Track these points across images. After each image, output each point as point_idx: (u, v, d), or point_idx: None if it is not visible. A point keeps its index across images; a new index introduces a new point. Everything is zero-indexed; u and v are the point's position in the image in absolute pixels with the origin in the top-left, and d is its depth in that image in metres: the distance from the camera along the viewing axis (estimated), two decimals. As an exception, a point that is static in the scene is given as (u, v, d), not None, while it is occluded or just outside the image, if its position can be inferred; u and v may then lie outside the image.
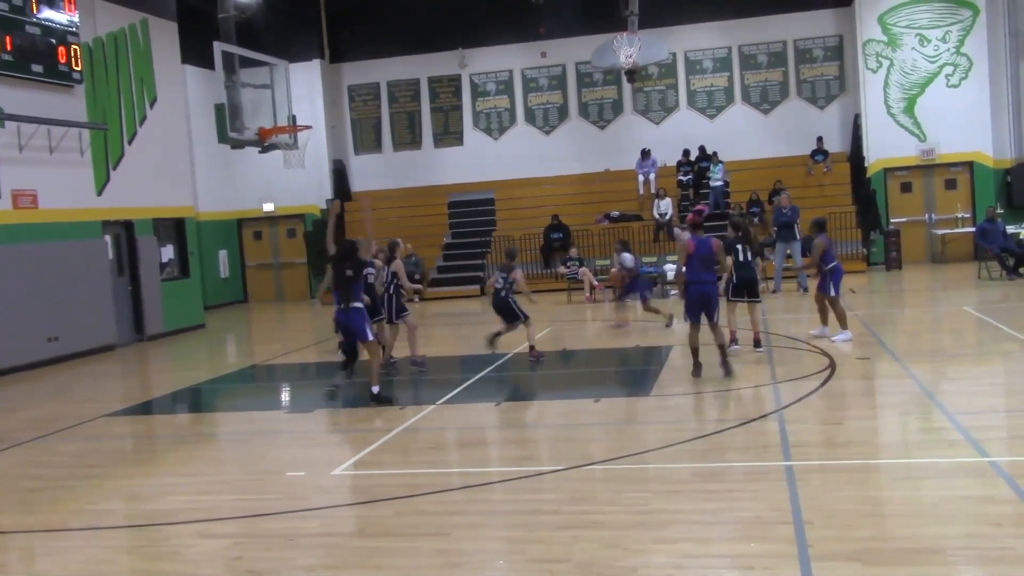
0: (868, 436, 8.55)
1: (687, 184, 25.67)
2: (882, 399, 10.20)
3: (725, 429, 8.79)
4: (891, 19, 24.57)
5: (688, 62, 26.79)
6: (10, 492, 8.38)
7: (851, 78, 25.71)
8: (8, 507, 7.86)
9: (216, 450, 10.01)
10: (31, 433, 10.78)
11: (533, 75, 27.67)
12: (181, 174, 21.86)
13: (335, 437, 10.21)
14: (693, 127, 26.50)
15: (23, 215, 16.81)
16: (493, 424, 10.14)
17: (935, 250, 24.63)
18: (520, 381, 12.79)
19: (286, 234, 28.29)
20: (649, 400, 10.56)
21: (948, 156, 24.45)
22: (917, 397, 9.80)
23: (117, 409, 12.05)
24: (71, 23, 17.78)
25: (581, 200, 26.39)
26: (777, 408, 9.42)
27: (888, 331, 14.67)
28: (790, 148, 25.95)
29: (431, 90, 28.27)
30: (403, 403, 11.18)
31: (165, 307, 20.35)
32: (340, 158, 28.49)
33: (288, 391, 13.71)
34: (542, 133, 27.70)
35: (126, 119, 19.82)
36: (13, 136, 16.57)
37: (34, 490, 8.38)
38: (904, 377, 10.68)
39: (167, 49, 21.26)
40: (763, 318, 16.50)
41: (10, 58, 16.34)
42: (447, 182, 27.90)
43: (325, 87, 27.77)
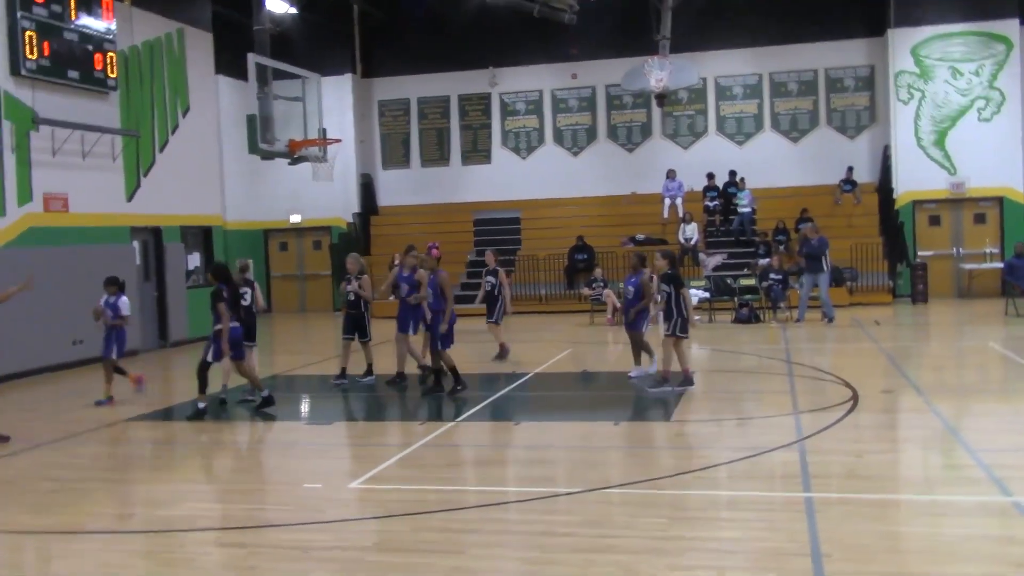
0: (889, 470, 8.46)
1: (713, 210, 25.61)
2: (905, 433, 10.09)
3: (745, 457, 8.72)
4: (924, 51, 24.47)
5: (718, 88, 26.78)
6: (28, 493, 8.42)
7: (882, 109, 25.60)
8: (25, 508, 7.90)
9: (234, 459, 10.03)
10: (52, 435, 10.85)
11: (563, 96, 27.73)
12: (210, 183, 22.04)
13: (353, 450, 10.22)
14: (722, 153, 26.45)
15: (54, 218, 16.98)
16: (511, 443, 10.11)
17: (962, 285, 24.40)
18: (540, 401, 12.76)
19: (312, 246, 28.42)
20: (669, 425, 10.50)
21: (978, 190, 24.27)
22: (940, 433, 9.70)
23: (138, 414, 12.11)
24: (108, 31, 18.01)
25: (607, 222, 26.36)
26: (798, 438, 9.34)
27: (912, 365, 14.54)
28: (818, 177, 25.84)
29: (461, 107, 28.38)
30: (422, 418, 11.17)
31: (190, 314, 20.46)
32: (368, 172, 28.63)
33: (308, 402, 13.73)
34: (570, 154, 27.74)
35: (158, 127, 20.02)
36: (47, 140, 16.77)
37: (52, 491, 8.42)
38: (927, 412, 10.57)
39: (202, 59, 21.49)
40: (785, 347, 16.43)
41: (47, 63, 16.56)
42: (474, 199, 27.96)
43: (356, 101, 27.93)
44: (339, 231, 27.71)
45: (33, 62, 16.26)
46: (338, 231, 27.72)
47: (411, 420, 11.04)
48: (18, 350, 15.67)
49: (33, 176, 16.57)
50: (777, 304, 20.73)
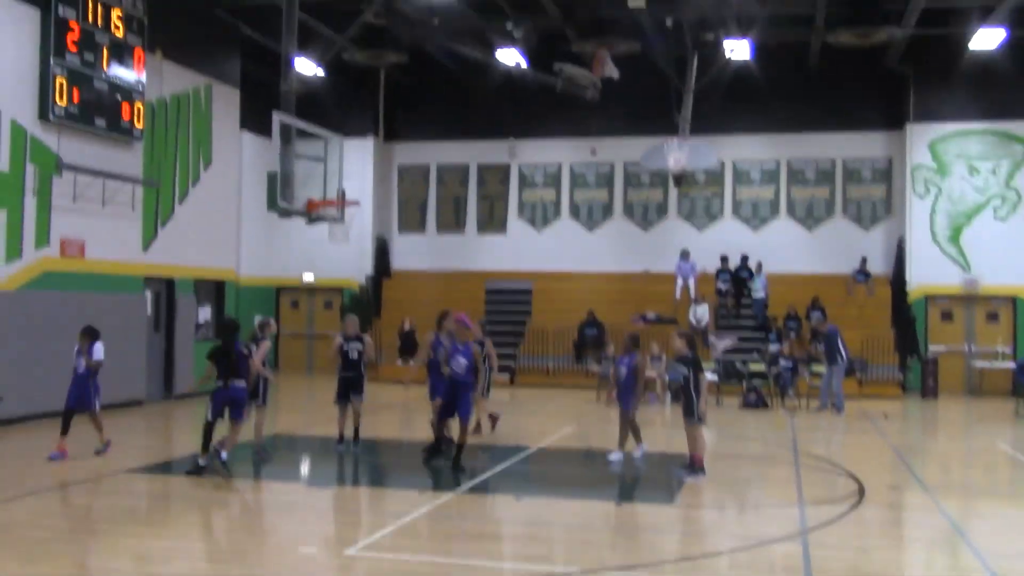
0: (894, 569, 8.30)
1: (725, 292, 25.60)
2: (910, 531, 9.93)
3: (747, 547, 8.57)
4: (942, 147, 24.65)
5: (736, 171, 26.96)
6: (19, 541, 8.32)
7: (898, 201, 25.71)
8: (16, 556, 7.79)
9: (230, 518, 9.91)
10: (48, 482, 10.76)
11: (581, 171, 27.96)
12: (227, 237, 22.19)
13: (351, 516, 10.09)
14: (736, 236, 26.53)
15: (69, 263, 17.08)
16: (511, 518, 9.98)
17: (973, 382, 24.23)
18: (544, 476, 12.62)
19: (323, 305, 28.46)
20: (673, 509, 10.35)
21: (991, 289, 24.22)
22: (946, 533, 9.53)
23: (137, 466, 12.01)
24: (138, 82, 18.31)
25: (618, 298, 26.36)
26: (801, 530, 9.18)
27: (920, 461, 14.37)
28: (831, 266, 25.85)
29: (479, 176, 28.63)
30: (422, 488, 11.05)
31: (196, 367, 20.42)
32: (383, 235, 28.79)
33: (308, 464, 13.61)
34: (585, 229, 27.86)
35: (180, 178, 20.22)
36: (69, 185, 16.95)
37: (43, 540, 8.32)
38: (934, 510, 10.40)
39: (227, 114, 21.80)
40: (793, 435, 16.28)
41: (75, 110, 16.81)
42: (486, 268, 28.03)
43: (376, 164, 28.21)
44: (351, 292, 27.77)
45: (62, 108, 16.51)
46: (350, 292, 27.78)
47: (411, 488, 10.91)
48: (27, 394, 15.63)
49: (52, 220, 16.72)
50: (786, 391, 20.59)
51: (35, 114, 16.29)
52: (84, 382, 12.39)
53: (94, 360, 12.39)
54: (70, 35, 16.69)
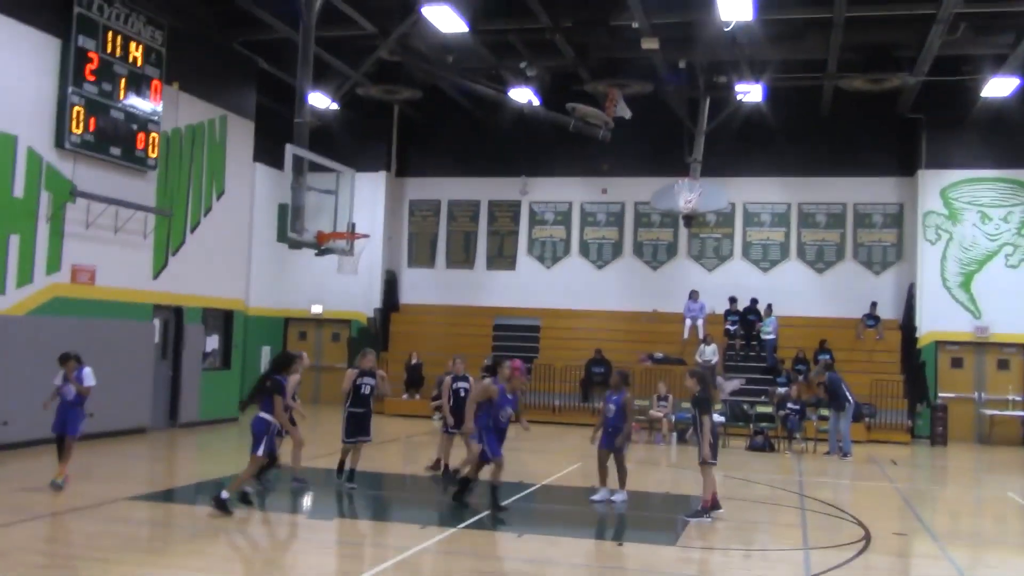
0: (899, 617, 8.19)
1: (734, 334, 25.53)
2: (917, 579, 9.81)
3: (750, 591, 8.48)
4: (953, 193, 24.65)
5: (746, 213, 26.99)
6: (19, 566, 8.28)
7: (909, 247, 25.67)
8: (14, 581, 7.76)
9: (230, 548, 9.85)
10: (50, 508, 10.73)
11: (592, 209, 28.03)
12: (237, 267, 22.27)
13: (351, 549, 10.02)
14: (745, 278, 26.51)
15: (79, 290, 17.14)
16: (511, 556, 9.89)
17: (983, 430, 24.03)
18: (545, 514, 12.52)
19: (331, 337, 28.48)
20: (674, 550, 10.26)
21: (1002, 336, 24.09)
22: (954, 582, 9.41)
23: (139, 493, 11.97)
24: (154, 112, 18.50)
25: (626, 337, 26.31)
26: (806, 575, 9.08)
27: (927, 509, 14.22)
28: (841, 310, 25.78)
29: (490, 213, 28.72)
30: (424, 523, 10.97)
31: (202, 396, 20.44)
32: (393, 269, 28.85)
33: (311, 496, 13.54)
34: (594, 267, 27.89)
35: (192, 208, 20.34)
36: (82, 212, 17.06)
37: (42, 567, 8.28)
38: (941, 559, 10.28)
39: (241, 146, 21.97)
40: (799, 479, 16.15)
41: (91, 138, 16.98)
42: (495, 304, 28.03)
43: (388, 198, 28.34)
44: (359, 325, 27.79)
45: (78, 136, 16.67)
46: (358, 325, 27.80)
47: (413, 523, 10.84)
48: (29, 419, 15.60)
49: (64, 247, 16.81)
50: (793, 434, 20.46)
51: (51, 142, 16.45)
52: (72, 409, 12.08)
53: (86, 386, 12.07)
54: (89, 65, 16.90)
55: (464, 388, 14.35)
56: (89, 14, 16.88)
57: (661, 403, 21.76)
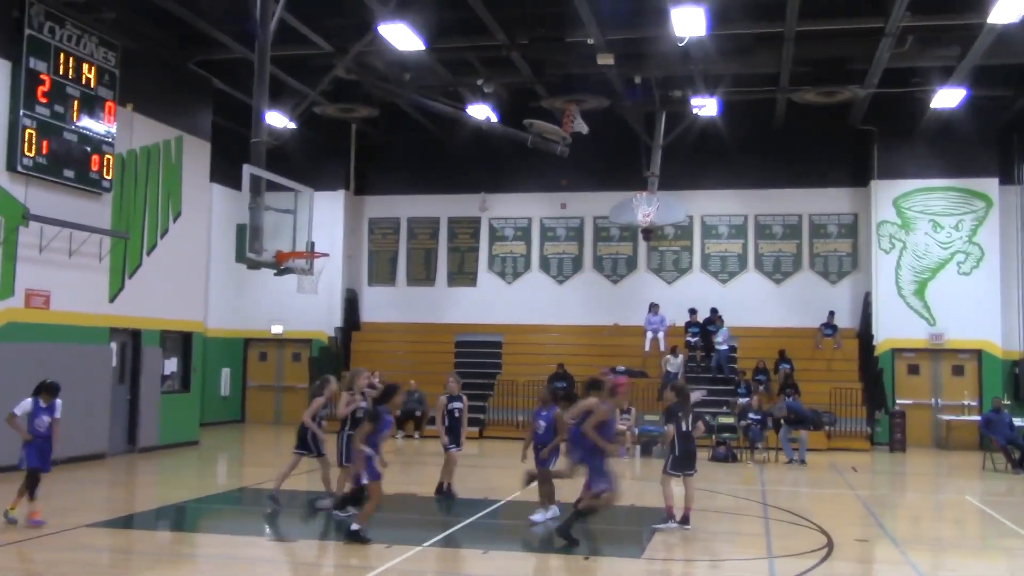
0: (863, 623, 8.27)
1: (695, 345, 25.69)
2: (879, 585, 9.90)
3: (716, 601, 8.52)
4: (906, 203, 25.04)
5: (704, 226, 27.23)
6: (-25, 597, 8.13)
7: (864, 256, 26.02)
8: (-29, 613, 7.61)
9: (192, 573, 9.72)
10: (5, 537, 10.53)
11: (551, 224, 28.13)
12: (195, 289, 22.05)
13: (315, 570, 9.93)
14: (705, 290, 26.71)
15: (34, 315, 16.88)
16: (477, 573, 9.86)
17: (940, 435, 24.38)
18: (510, 530, 12.50)
19: (291, 358, 28.27)
20: (639, 563, 10.28)
21: (957, 342, 24.47)
22: (915, 586, 9.52)
23: (98, 520, 11.78)
24: (108, 133, 18.31)
25: (588, 351, 26.37)
26: (771, 584, 9.15)
27: (888, 514, 14.38)
28: (799, 319, 26.05)
29: (450, 230, 28.72)
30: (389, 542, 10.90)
31: (162, 420, 20.18)
32: (353, 287, 28.73)
33: (275, 518, 13.39)
34: (555, 282, 27.96)
35: (148, 230, 20.13)
36: (35, 236, 16.82)
37: (0, 597, 8.13)
38: (903, 563, 10.41)
39: (197, 166, 21.79)
40: (762, 488, 16.27)
41: (44, 161, 16.75)
42: (456, 321, 28.00)
43: (347, 217, 28.25)
44: (320, 344, 27.63)
45: (30, 159, 16.45)
46: (319, 344, 27.64)
47: (378, 542, 10.76)
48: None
49: (17, 271, 16.55)
50: (755, 444, 20.60)
51: (3, 165, 16.19)
52: (47, 442, 11.65)
53: (57, 418, 11.71)
54: (41, 87, 16.68)
55: (458, 408, 14.40)
56: (40, 36, 16.68)
57: (624, 416, 21.80)
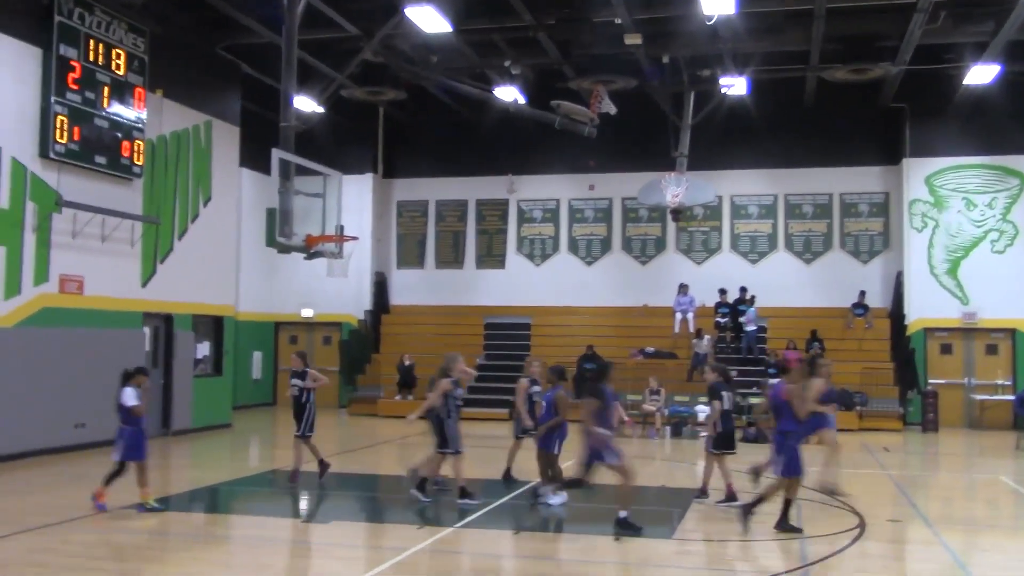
0: (896, 603, 8.23)
1: (724, 326, 25.58)
2: (913, 565, 9.86)
3: (747, 582, 8.51)
4: (938, 181, 24.76)
5: (734, 206, 27.06)
6: (16, 577, 8.27)
7: (895, 235, 25.77)
8: (12, 593, 7.75)
9: (226, 554, 9.84)
10: (43, 519, 10.69)
11: (580, 206, 28.07)
12: (225, 273, 22.22)
13: (347, 551, 10.02)
14: (734, 270, 26.58)
15: (68, 300, 17.08)
16: (508, 553, 9.91)
17: (973, 415, 24.16)
18: (542, 511, 12.52)
19: (322, 341, 28.44)
20: (670, 543, 10.29)
21: (990, 321, 24.22)
22: (949, 567, 9.47)
23: (133, 502, 11.93)
24: (138, 119, 18.44)
25: (617, 333, 26.35)
26: (803, 564, 9.12)
27: (920, 494, 14.29)
28: (830, 299, 25.88)
29: (478, 212, 28.73)
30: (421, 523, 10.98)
31: (195, 403, 20.38)
32: (382, 271, 28.84)
33: (306, 499, 13.53)
34: (584, 263, 27.92)
35: (179, 215, 20.29)
36: (68, 222, 17.00)
37: (40, 577, 8.27)
38: (935, 544, 10.35)
39: (227, 151, 21.91)
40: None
41: (76, 148, 16.91)
42: (485, 303, 28.05)
43: (375, 201, 28.32)
44: (349, 328, 27.77)
45: (62, 146, 16.61)
46: (348, 328, 27.78)
47: (410, 523, 10.84)
48: (20, 430, 15.59)
49: (52, 257, 16.75)
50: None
51: (36, 152, 16.38)
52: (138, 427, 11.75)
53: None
54: (71, 74, 16.82)
55: (538, 392, 13.96)
56: (70, 23, 16.81)
57: (653, 397, 21.82)
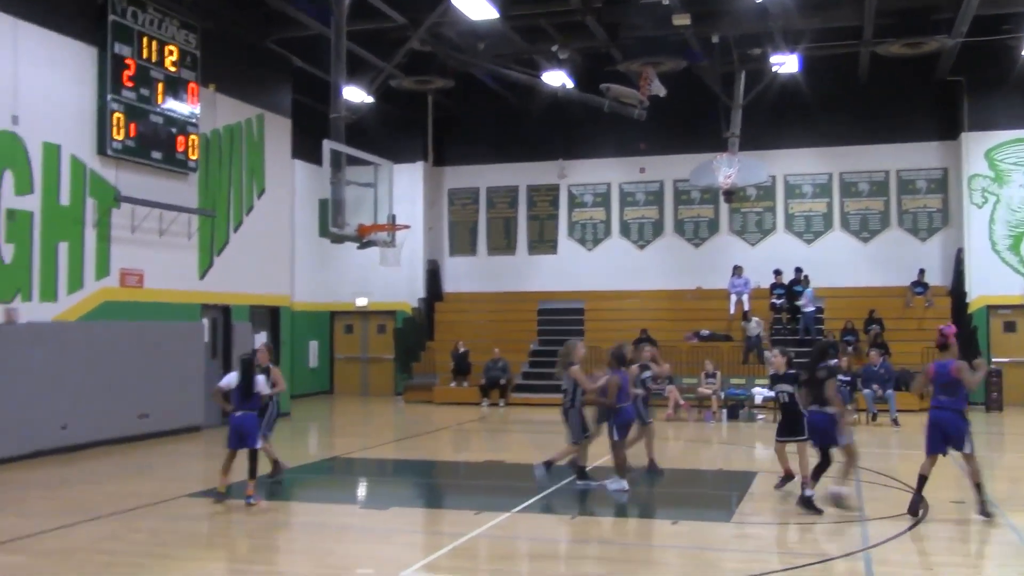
0: (960, 585, 8.11)
1: (780, 307, 25.28)
2: (978, 547, 9.69)
3: (808, 564, 8.44)
4: (999, 155, 24.21)
5: (787, 186, 26.73)
6: (84, 564, 8.47)
7: (955, 211, 25.27)
8: (81, 580, 7.93)
9: (288, 540, 9.99)
10: (110, 507, 10.94)
11: (631, 189, 27.92)
12: (281, 264, 22.48)
13: (406, 537, 10.11)
14: (789, 251, 26.26)
15: (128, 293, 17.43)
16: (566, 538, 9.93)
17: (1038, 393, 23.67)
18: (597, 496, 12.52)
19: (376, 329, 28.68)
20: (729, 527, 10.23)
21: (1054, 297, 23.67)
22: (1016, 548, 9.30)
23: (196, 490, 12.17)
24: (192, 114, 18.70)
25: (671, 316, 26.21)
26: (864, 547, 9.02)
27: (985, 475, 13.98)
28: (888, 278, 25.48)
29: (529, 198, 28.72)
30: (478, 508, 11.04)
31: (253, 393, 20.64)
32: (435, 258, 28.97)
33: (365, 486, 13.68)
34: (636, 247, 27.79)
35: (234, 207, 20.56)
36: (127, 217, 17.33)
37: (106, 565, 8.45)
38: (1001, 525, 10.15)
39: (279, 143, 22.15)
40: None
41: (132, 144, 17.21)
42: (538, 289, 28.07)
43: (426, 189, 28.44)
44: (404, 316, 27.96)
45: (119, 143, 16.91)
46: (403, 316, 27.97)
47: (467, 508, 10.91)
48: (85, 421, 15.94)
49: (111, 251, 17.09)
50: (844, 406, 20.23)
51: (94, 149, 16.70)
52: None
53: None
54: (126, 71, 17.11)
55: (649, 377, 13.63)
56: (123, 21, 17.08)
57: (709, 380, 21.68)
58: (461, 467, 15.39)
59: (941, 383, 10.39)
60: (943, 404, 10.42)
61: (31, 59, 15.56)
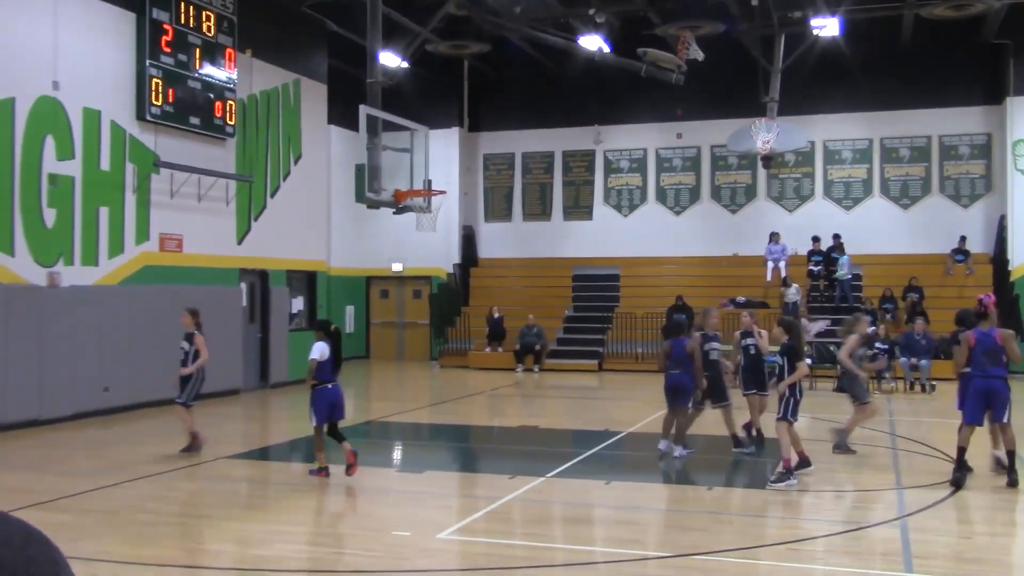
0: (1000, 554, 8.07)
1: (818, 274, 25.06)
2: (1016, 516, 9.63)
3: (843, 531, 8.43)
4: (1045, 120, 23.74)
5: (827, 151, 26.40)
6: (127, 524, 8.65)
7: (998, 178, 24.85)
8: (123, 539, 8.10)
9: (326, 502, 10.13)
10: (153, 468, 11.14)
11: (667, 155, 27.71)
12: (318, 229, 22.61)
13: (443, 500, 10.22)
14: (828, 217, 25.99)
15: (168, 257, 17.62)
16: (601, 502, 9.98)
17: (1081, 362, 23.29)
18: (632, 461, 12.58)
19: (412, 295, 28.81)
20: (764, 493, 10.23)
21: (1100, 265, 23.27)
22: (1054, 518, 9.22)
23: (236, 452, 12.35)
24: (229, 80, 18.76)
25: (707, 283, 26.08)
26: (900, 515, 8.99)
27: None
28: (929, 246, 25.16)
29: (564, 163, 28.59)
30: (513, 473, 11.12)
31: (291, 357, 20.88)
32: (470, 224, 28.98)
33: (400, 450, 13.82)
34: (672, 213, 27.63)
35: (271, 173, 20.67)
36: (166, 183, 17.48)
37: (149, 524, 8.63)
38: (1040, 495, 10.07)
39: (315, 109, 22.19)
40: (889, 419, 15.92)
41: (171, 109, 17.32)
42: (573, 255, 28.01)
43: (462, 154, 28.39)
44: (439, 281, 28.05)
45: (158, 108, 17.02)
46: (438, 281, 28.07)
47: (502, 473, 11.00)
48: (129, 384, 16.20)
49: (151, 216, 17.28)
50: (882, 375, 20.10)
51: (133, 114, 16.83)
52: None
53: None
54: (164, 37, 17.19)
55: (753, 345, 12.60)
56: (161, -14, 17.14)
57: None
58: (496, 432, 15.49)
59: (984, 351, 10.24)
60: (990, 373, 10.28)
61: (71, 25, 15.66)
